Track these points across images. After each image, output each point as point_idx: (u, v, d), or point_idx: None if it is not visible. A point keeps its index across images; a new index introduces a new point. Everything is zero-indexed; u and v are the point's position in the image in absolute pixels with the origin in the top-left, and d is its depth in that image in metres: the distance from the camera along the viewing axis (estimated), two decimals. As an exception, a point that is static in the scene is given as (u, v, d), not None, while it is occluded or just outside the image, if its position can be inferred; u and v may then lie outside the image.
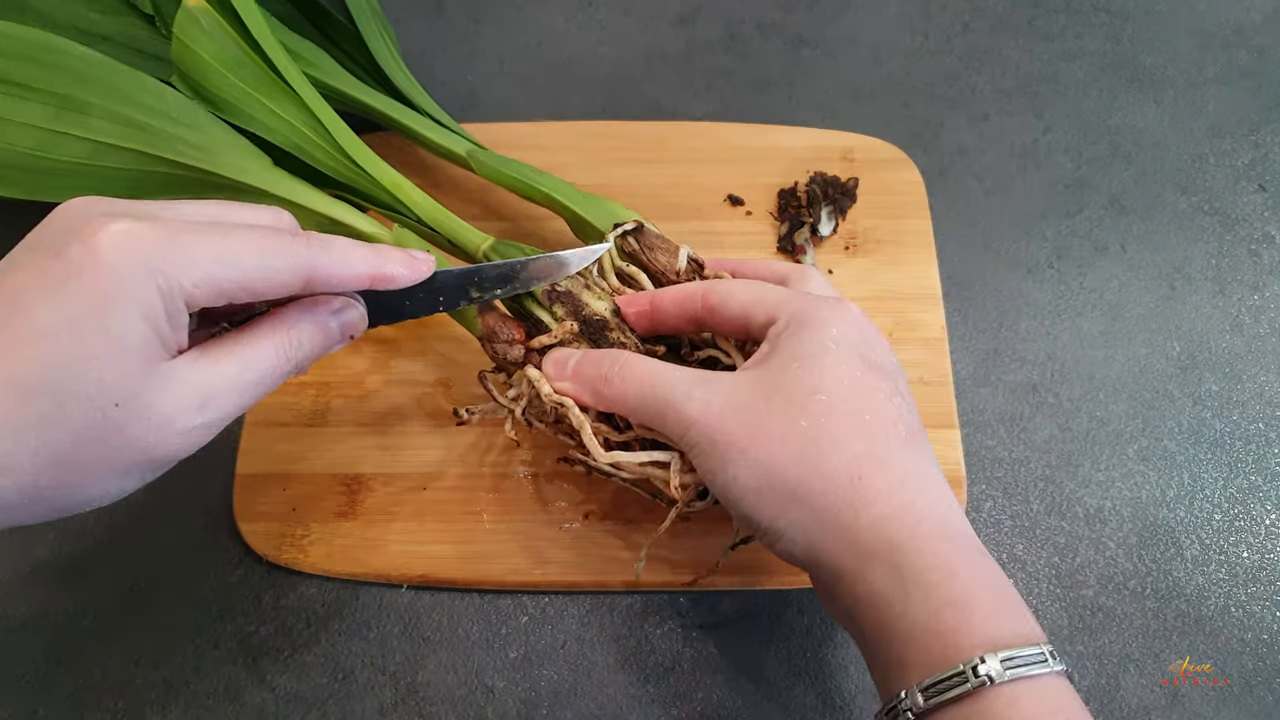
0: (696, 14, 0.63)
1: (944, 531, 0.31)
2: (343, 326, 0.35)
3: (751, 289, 0.37)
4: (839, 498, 0.31)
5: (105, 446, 0.28)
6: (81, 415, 0.27)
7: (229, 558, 0.45)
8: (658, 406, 0.35)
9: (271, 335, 0.32)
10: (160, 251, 0.28)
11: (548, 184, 0.46)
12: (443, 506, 0.45)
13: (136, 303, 0.27)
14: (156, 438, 0.29)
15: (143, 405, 0.28)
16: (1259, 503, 0.46)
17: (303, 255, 0.31)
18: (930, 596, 0.30)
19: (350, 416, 0.48)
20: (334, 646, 0.43)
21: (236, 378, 0.31)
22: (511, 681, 0.42)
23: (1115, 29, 0.61)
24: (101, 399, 0.27)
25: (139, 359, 0.28)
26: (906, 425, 0.33)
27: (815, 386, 0.33)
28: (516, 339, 0.40)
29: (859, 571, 0.31)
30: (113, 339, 0.27)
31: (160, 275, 0.28)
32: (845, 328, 0.34)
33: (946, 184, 0.56)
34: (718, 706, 0.42)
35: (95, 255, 0.27)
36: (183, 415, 0.29)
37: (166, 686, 0.42)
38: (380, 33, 0.54)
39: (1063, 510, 0.46)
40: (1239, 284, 0.52)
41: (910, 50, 0.61)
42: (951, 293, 0.52)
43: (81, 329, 0.27)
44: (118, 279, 0.27)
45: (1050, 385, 0.49)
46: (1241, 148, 0.56)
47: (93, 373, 0.27)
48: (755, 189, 0.54)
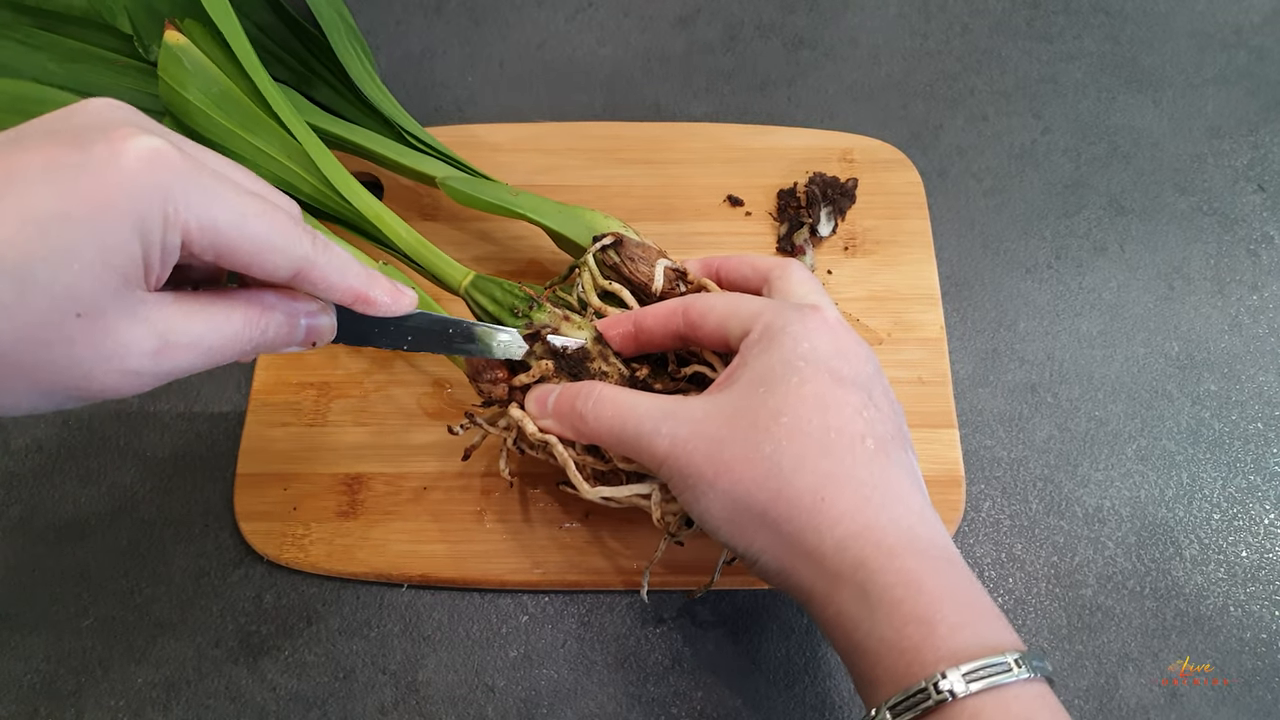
0: (696, 15, 0.63)
1: (911, 545, 0.31)
2: (310, 329, 0.34)
3: (729, 301, 0.37)
4: (804, 522, 0.31)
5: (46, 354, 0.26)
6: (38, 313, 0.25)
7: (229, 558, 0.45)
8: (630, 442, 0.35)
9: (245, 310, 0.31)
10: (180, 180, 0.27)
11: (522, 204, 0.46)
12: (443, 506, 0.45)
13: (138, 219, 0.26)
14: (101, 366, 0.27)
15: (103, 326, 0.26)
16: (1258, 502, 0.46)
17: (305, 247, 0.30)
18: (894, 614, 0.30)
19: (351, 416, 0.48)
20: (334, 646, 0.43)
21: (200, 337, 0.29)
22: (512, 681, 0.42)
23: (1114, 30, 0.61)
24: (66, 303, 0.25)
25: (118, 276, 0.26)
26: (876, 437, 0.33)
27: (779, 409, 0.33)
28: (500, 378, 0.40)
29: (828, 594, 0.31)
30: (101, 246, 0.25)
31: (171, 203, 0.26)
32: (816, 340, 0.34)
33: (946, 184, 0.56)
34: (718, 706, 0.42)
35: (117, 159, 0.26)
36: (136, 352, 0.28)
37: (167, 686, 0.43)
38: (353, 48, 0.54)
39: (1061, 510, 0.46)
40: (1238, 284, 0.52)
41: (910, 51, 0.61)
42: (950, 293, 0.52)
43: (74, 225, 0.25)
44: (130, 189, 0.26)
45: (1049, 385, 0.49)
46: (1240, 148, 0.57)
47: (68, 273, 0.25)
48: (755, 189, 0.54)
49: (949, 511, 0.45)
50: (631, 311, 0.40)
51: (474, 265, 0.51)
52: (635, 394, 0.36)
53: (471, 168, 0.49)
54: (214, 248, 0.28)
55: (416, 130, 0.51)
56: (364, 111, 0.52)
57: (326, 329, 0.35)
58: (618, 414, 0.35)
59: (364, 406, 0.48)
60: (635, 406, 0.35)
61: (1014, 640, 0.30)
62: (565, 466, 0.38)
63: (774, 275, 0.39)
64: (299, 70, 0.53)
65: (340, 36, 0.53)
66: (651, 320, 0.39)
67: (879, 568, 0.30)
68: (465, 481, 0.46)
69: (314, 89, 0.53)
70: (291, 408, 0.48)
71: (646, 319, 0.39)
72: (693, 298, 0.38)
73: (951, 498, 0.45)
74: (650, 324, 0.39)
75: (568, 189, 0.54)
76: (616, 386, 0.37)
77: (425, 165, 0.48)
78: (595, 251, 0.42)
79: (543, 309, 0.41)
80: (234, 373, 0.50)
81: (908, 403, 0.47)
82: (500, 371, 0.40)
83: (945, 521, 0.44)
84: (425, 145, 0.50)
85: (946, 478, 0.45)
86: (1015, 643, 0.30)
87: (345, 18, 0.55)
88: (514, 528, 0.45)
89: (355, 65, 0.52)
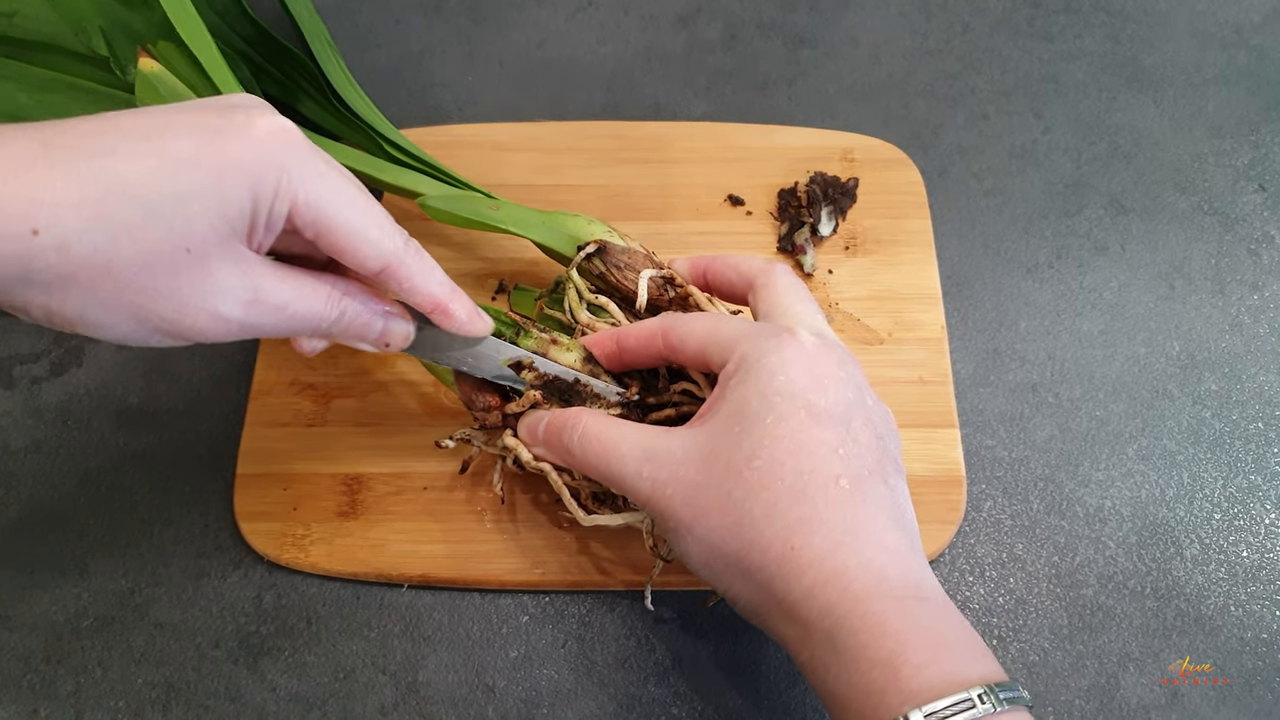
0: (696, 14, 0.63)
1: (878, 587, 0.31)
2: (386, 329, 0.36)
3: (706, 326, 0.36)
4: (774, 571, 0.31)
5: (152, 280, 0.28)
6: (154, 239, 0.28)
7: (229, 558, 0.45)
8: (614, 481, 0.36)
9: (329, 289, 0.33)
10: (297, 158, 0.30)
11: (502, 218, 0.46)
12: (443, 506, 0.45)
13: (255, 181, 0.29)
14: (195, 303, 0.29)
15: (206, 266, 0.29)
16: (1258, 502, 0.46)
17: (396, 244, 0.33)
18: (860, 659, 0.30)
19: (351, 416, 0.48)
20: (334, 646, 0.43)
21: (287, 301, 0.32)
22: (512, 681, 0.42)
23: (1115, 29, 0.61)
24: (180, 238, 0.28)
25: (228, 226, 0.29)
26: (852, 476, 0.32)
27: (753, 452, 0.32)
28: (492, 405, 0.41)
29: (801, 640, 0.32)
30: (220, 197, 0.29)
31: (286, 175, 0.30)
32: (793, 371, 0.34)
33: (946, 184, 0.56)
34: (718, 707, 0.42)
35: (250, 128, 0.30)
36: (229, 299, 0.30)
37: (167, 686, 0.42)
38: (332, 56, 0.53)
39: (1063, 510, 0.46)
40: (1238, 284, 0.52)
41: (910, 50, 0.61)
42: (951, 292, 0.52)
43: (201, 173, 0.28)
44: (254, 154, 0.29)
45: (1050, 385, 0.49)
46: (1241, 148, 0.57)
47: (188, 212, 0.28)
48: (755, 189, 0.54)
49: (949, 511, 0.45)
50: (614, 331, 0.40)
51: (470, 271, 0.52)
52: (620, 428, 0.36)
53: (455, 177, 0.49)
54: (315, 225, 0.31)
55: (397, 138, 0.50)
56: (347, 124, 0.51)
57: (401, 333, 0.37)
58: (601, 452, 0.36)
59: (364, 406, 0.48)
60: (619, 445, 0.35)
61: (985, 672, 0.29)
62: (560, 494, 0.39)
63: (758, 282, 0.39)
64: (285, 83, 0.53)
65: (322, 46, 0.53)
66: (633, 342, 0.38)
67: (845, 613, 0.30)
68: (466, 481, 0.46)
69: (298, 102, 0.53)
70: (291, 408, 0.48)
71: (629, 339, 0.39)
72: (672, 321, 0.38)
73: (952, 497, 0.45)
74: (631, 345, 0.39)
75: (568, 189, 0.54)
76: (602, 418, 0.37)
77: (407, 181, 0.48)
78: (580, 261, 0.42)
79: (529, 334, 0.41)
80: (234, 373, 0.50)
81: (908, 402, 0.47)
82: (492, 399, 0.41)
83: (946, 522, 0.44)
84: (407, 155, 0.50)
85: (947, 477, 0.45)
86: (986, 675, 0.29)
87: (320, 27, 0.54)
88: (514, 528, 0.45)
89: (337, 74, 0.52)
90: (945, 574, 0.45)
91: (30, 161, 0.26)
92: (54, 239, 0.26)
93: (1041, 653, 0.43)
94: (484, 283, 0.51)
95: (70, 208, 0.26)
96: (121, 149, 0.28)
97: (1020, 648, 0.43)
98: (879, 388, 0.48)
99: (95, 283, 0.28)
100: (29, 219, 0.26)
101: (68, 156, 0.27)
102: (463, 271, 0.52)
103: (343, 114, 0.51)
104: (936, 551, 0.44)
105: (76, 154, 0.27)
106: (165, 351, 0.51)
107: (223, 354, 0.50)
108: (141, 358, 0.51)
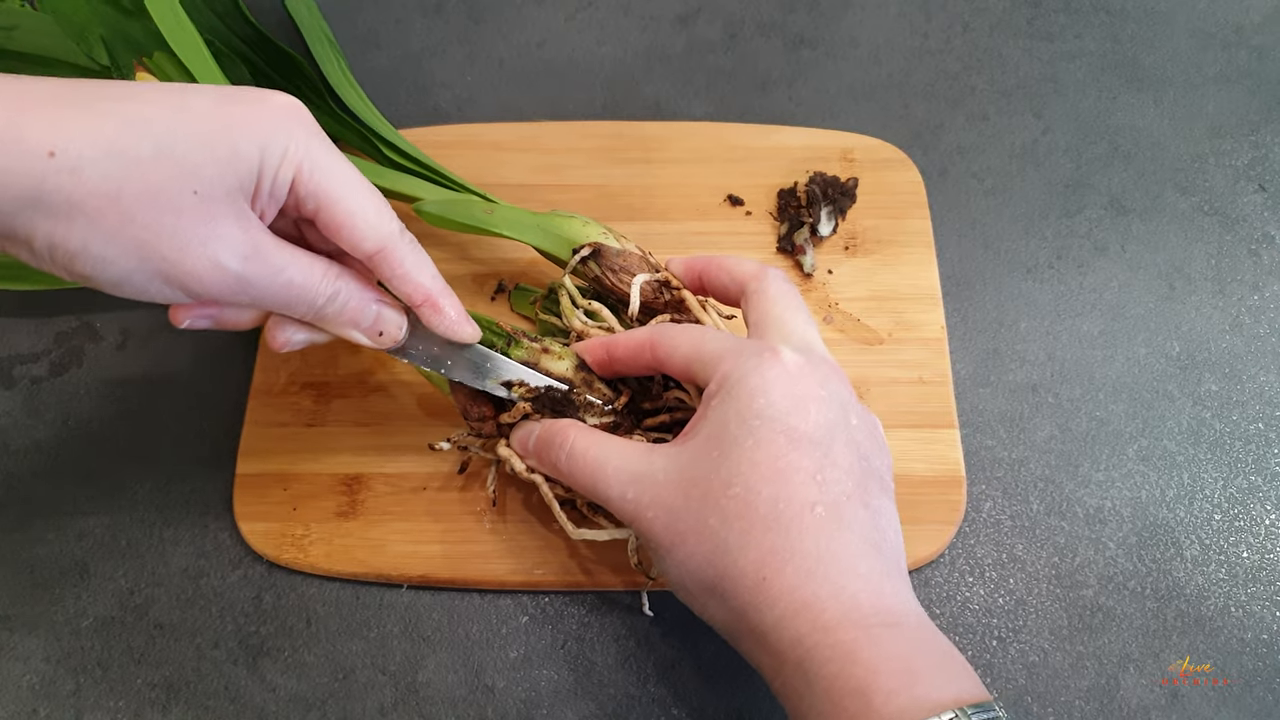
0: (696, 14, 0.63)
1: (849, 616, 0.30)
2: (380, 318, 0.36)
3: (691, 342, 0.36)
4: (748, 600, 0.32)
5: (156, 215, 0.29)
6: (163, 176, 0.29)
7: (229, 558, 0.45)
8: (600, 499, 0.36)
9: (326, 265, 0.34)
10: (306, 131, 0.32)
11: (497, 221, 0.46)
12: (443, 506, 0.45)
13: (265, 141, 0.31)
14: (195, 247, 0.30)
15: (210, 211, 0.30)
16: (1259, 503, 0.46)
17: (393, 229, 0.34)
18: (832, 688, 0.30)
19: (350, 416, 0.48)
20: (334, 646, 0.43)
21: (284, 265, 0.33)
22: (511, 681, 0.42)
23: (1115, 29, 0.61)
24: (189, 178, 0.29)
25: (236, 180, 0.30)
26: (828, 503, 0.32)
27: (730, 478, 0.32)
28: (487, 415, 0.41)
29: (775, 669, 0.32)
30: (231, 149, 0.30)
31: (294, 143, 0.31)
32: (774, 394, 0.33)
33: (946, 184, 0.56)
34: (718, 706, 0.42)
35: (266, 99, 0.32)
36: (228, 249, 0.31)
37: (167, 686, 0.42)
38: (331, 55, 0.53)
39: (1063, 510, 0.46)
40: (1239, 284, 0.52)
41: (910, 50, 0.61)
42: (951, 293, 0.52)
43: (216, 124, 0.30)
44: (267, 119, 0.31)
45: (1050, 385, 0.49)
46: (1241, 148, 0.57)
47: (198, 155, 0.29)
48: (755, 189, 0.54)
49: (949, 512, 0.45)
50: (605, 339, 0.40)
51: (469, 273, 0.52)
52: (607, 446, 0.36)
53: (453, 178, 0.49)
54: (316, 196, 0.32)
55: (396, 140, 0.51)
56: (345, 126, 0.51)
57: (394, 323, 0.37)
58: (587, 470, 0.36)
59: (364, 406, 0.48)
60: (604, 465, 0.36)
61: (960, 692, 0.29)
62: (550, 506, 0.40)
63: (750, 289, 0.39)
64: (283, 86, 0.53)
65: (321, 45, 0.53)
66: (622, 352, 0.39)
67: (815, 643, 0.30)
68: (465, 481, 0.46)
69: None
70: (291, 408, 0.48)
71: (618, 349, 0.39)
72: (659, 332, 0.38)
73: (952, 498, 0.45)
74: (621, 355, 0.39)
75: (567, 188, 0.54)
76: (591, 434, 0.37)
77: (404, 185, 0.48)
78: (575, 264, 0.42)
79: (520, 345, 0.41)
80: (234, 373, 0.50)
81: (908, 402, 0.47)
82: (487, 409, 0.41)
83: (946, 522, 0.44)
84: (405, 158, 0.50)
85: (947, 478, 0.45)
86: (961, 696, 0.29)
87: (323, 26, 0.54)
88: (514, 528, 0.45)
89: (337, 75, 0.52)
90: (945, 574, 0.45)
91: (53, 97, 0.28)
92: (69, 162, 0.27)
93: (1041, 653, 0.43)
94: (483, 284, 0.51)
95: (87, 135, 0.28)
96: (143, 96, 0.30)
97: (1020, 648, 0.43)
98: (879, 388, 0.48)
99: (101, 213, 0.28)
100: (47, 142, 0.27)
101: (90, 97, 0.29)
102: (462, 273, 0.52)
103: (341, 116, 0.52)
104: (936, 552, 0.44)
105: (99, 96, 0.29)
106: (165, 351, 0.51)
107: (223, 353, 0.50)
108: (141, 357, 0.51)
